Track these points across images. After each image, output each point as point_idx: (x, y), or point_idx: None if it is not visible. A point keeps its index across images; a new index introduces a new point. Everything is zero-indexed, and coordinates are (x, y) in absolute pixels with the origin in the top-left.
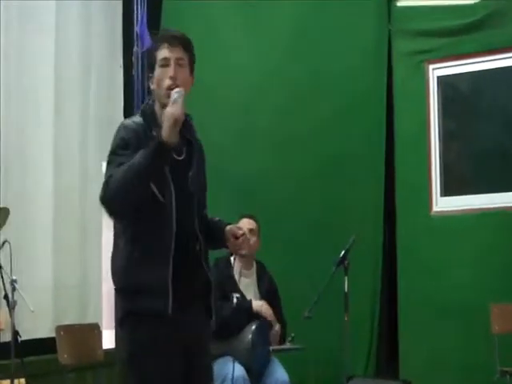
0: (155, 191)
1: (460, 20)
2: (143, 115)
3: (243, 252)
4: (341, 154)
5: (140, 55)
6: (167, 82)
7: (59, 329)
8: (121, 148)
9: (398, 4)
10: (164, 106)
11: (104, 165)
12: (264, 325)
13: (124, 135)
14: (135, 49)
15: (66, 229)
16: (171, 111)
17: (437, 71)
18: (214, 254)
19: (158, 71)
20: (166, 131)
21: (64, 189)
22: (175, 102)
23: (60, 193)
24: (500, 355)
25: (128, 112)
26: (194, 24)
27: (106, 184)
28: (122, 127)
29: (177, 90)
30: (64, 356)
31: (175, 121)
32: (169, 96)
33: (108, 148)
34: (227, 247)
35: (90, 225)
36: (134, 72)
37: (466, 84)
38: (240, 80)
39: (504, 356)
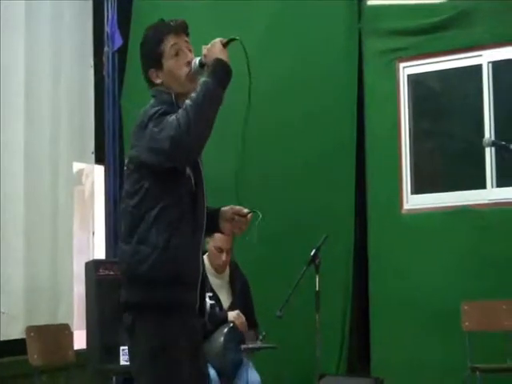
0: (192, 180)
1: (429, 19)
2: (162, 103)
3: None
4: (312, 153)
5: (111, 55)
6: (185, 69)
7: (29, 330)
8: (161, 112)
9: (369, 3)
10: (181, 94)
11: (75, 165)
12: (236, 328)
13: (157, 106)
14: (106, 49)
15: (37, 230)
16: (210, 45)
17: (407, 70)
18: None
19: (169, 62)
20: (224, 55)
21: (35, 190)
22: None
23: (31, 195)
24: (471, 352)
25: (98, 112)
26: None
27: (179, 124)
28: (150, 107)
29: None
30: (34, 357)
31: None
32: (191, 81)
33: (80, 148)
34: (218, 231)
35: (61, 226)
36: (104, 72)
37: (436, 82)
38: None
39: (475, 353)
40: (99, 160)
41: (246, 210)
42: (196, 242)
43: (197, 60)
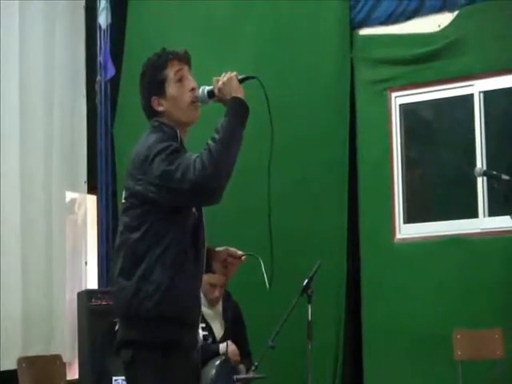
0: (196, 217)
1: (421, 49)
2: (165, 137)
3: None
4: (305, 182)
5: (103, 84)
6: (189, 96)
7: (21, 361)
8: (173, 149)
9: (361, 33)
10: (183, 123)
11: (68, 194)
12: (228, 360)
13: (166, 142)
14: (98, 78)
15: (31, 259)
16: (225, 79)
17: (399, 99)
18: None
19: (173, 88)
20: (240, 92)
21: (29, 219)
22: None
23: (26, 223)
24: (463, 381)
25: (90, 141)
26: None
27: (204, 165)
28: (156, 142)
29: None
30: None
31: (233, 78)
32: (194, 108)
33: (72, 178)
34: (209, 271)
35: (54, 255)
36: (97, 101)
37: (427, 112)
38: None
39: (466, 381)
40: (91, 189)
41: (240, 253)
42: (198, 281)
43: (205, 88)
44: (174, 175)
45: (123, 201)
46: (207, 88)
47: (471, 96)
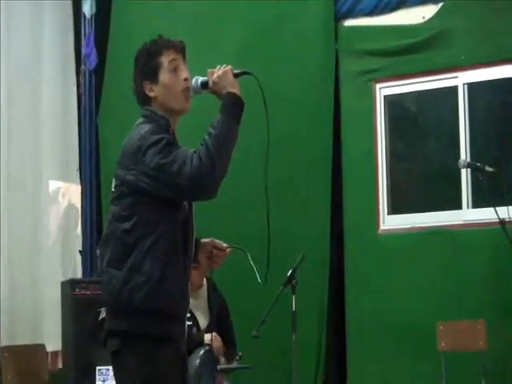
0: (186, 209)
1: (406, 40)
2: (157, 128)
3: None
4: (289, 174)
5: (88, 74)
6: (182, 85)
7: (4, 350)
8: (168, 142)
9: (345, 24)
10: (174, 111)
11: (52, 183)
12: (212, 350)
13: (160, 134)
14: (82, 67)
15: (19, 249)
16: (221, 73)
17: (384, 90)
18: None
19: (166, 76)
20: (236, 87)
21: (16, 209)
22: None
23: (12, 212)
24: (446, 372)
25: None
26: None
27: (201, 161)
28: (149, 133)
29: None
30: (8, 378)
31: (229, 72)
32: (186, 98)
33: (62, 166)
34: (194, 261)
35: (43, 245)
36: (81, 91)
37: (412, 103)
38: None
39: (450, 373)
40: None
41: (225, 245)
42: (187, 274)
43: (199, 79)
44: (169, 169)
45: (113, 189)
46: (201, 79)
47: (455, 88)
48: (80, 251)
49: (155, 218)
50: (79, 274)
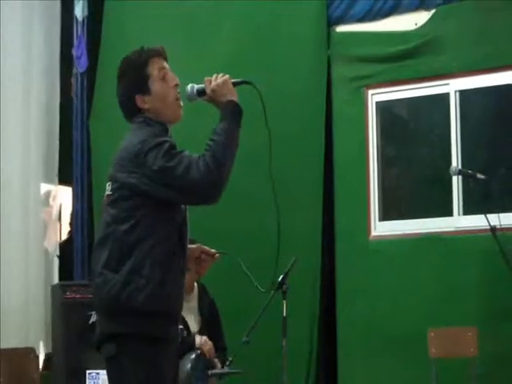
0: (184, 212)
1: (398, 46)
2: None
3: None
4: (280, 179)
5: (79, 76)
6: (174, 92)
7: None
8: (170, 145)
9: (338, 30)
10: (168, 120)
11: (43, 186)
12: (203, 355)
13: (161, 137)
14: (74, 70)
15: (9, 253)
16: (221, 82)
17: (376, 97)
18: None
19: (157, 85)
20: (235, 95)
21: (6, 210)
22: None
23: (2, 215)
24: (437, 379)
25: (66, 133)
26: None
27: (207, 165)
28: (150, 136)
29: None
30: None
31: (228, 81)
32: (179, 106)
33: (47, 170)
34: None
35: (33, 247)
36: (73, 93)
37: (404, 110)
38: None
39: (441, 379)
40: (66, 181)
41: (213, 251)
42: (184, 277)
43: (195, 86)
44: (174, 172)
45: (109, 193)
46: (196, 86)
47: (447, 95)
48: (58, 256)
49: (154, 221)
50: (55, 280)
